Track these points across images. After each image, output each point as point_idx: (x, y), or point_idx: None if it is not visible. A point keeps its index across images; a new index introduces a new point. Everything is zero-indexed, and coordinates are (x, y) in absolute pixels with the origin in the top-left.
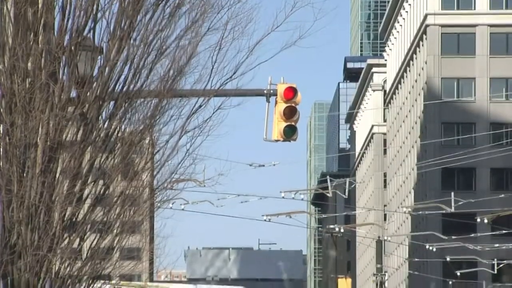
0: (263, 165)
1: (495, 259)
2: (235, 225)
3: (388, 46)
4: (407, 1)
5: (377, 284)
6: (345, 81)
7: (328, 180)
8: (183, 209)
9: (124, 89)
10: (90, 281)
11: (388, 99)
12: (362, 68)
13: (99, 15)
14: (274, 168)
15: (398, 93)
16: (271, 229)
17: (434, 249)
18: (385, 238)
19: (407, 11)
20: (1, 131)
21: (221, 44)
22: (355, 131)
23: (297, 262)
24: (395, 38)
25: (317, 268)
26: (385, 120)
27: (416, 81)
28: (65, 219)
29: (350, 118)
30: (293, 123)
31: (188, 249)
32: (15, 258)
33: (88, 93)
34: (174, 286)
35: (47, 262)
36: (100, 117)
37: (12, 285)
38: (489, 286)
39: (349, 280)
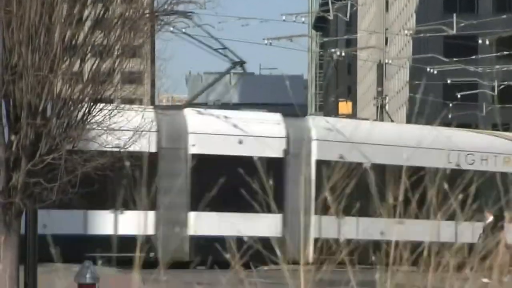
0: None
1: (496, 81)
2: (236, 50)
3: None
4: None
5: (377, 108)
6: None
7: (330, 3)
8: (184, 33)
9: None
10: (92, 104)
11: None
12: None
13: None
14: None
15: None
16: (272, 53)
17: (435, 72)
18: (386, 61)
19: None
20: None
21: None
22: None
23: (298, 86)
24: None
25: (318, 92)
26: None
27: None
28: (65, 40)
29: None
30: None
31: (189, 74)
32: (17, 79)
33: None
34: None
35: (48, 83)
36: None
37: (14, 105)
38: (489, 107)
39: (350, 103)
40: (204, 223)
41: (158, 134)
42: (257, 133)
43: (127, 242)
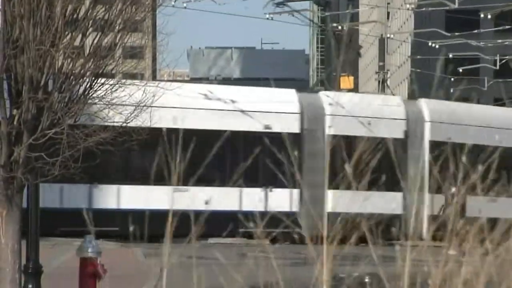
0: None
1: (498, 55)
2: (237, 24)
3: None
4: None
5: (379, 82)
6: None
7: None
8: (185, 7)
9: None
10: (93, 78)
11: None
12: None
13: None
14: None
15: None
16: (274, 28)
17: (437, 46)
18: (388, 36)
19: None
20: None
21: None
22: None
23: (299, 61)
24: None
25: (320, 67)
26: None
27: None
28: (66, 15)
29: None
30: None
31: (191, 48)
32: (18, 53)
33: None
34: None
35: (50, 57)
36: None
37: (16, 79)
38: (491, 82)
39: (352, 78)
40: (340, 201)
41: (301, 116)
42: (382, 115)
43: (274, 218)
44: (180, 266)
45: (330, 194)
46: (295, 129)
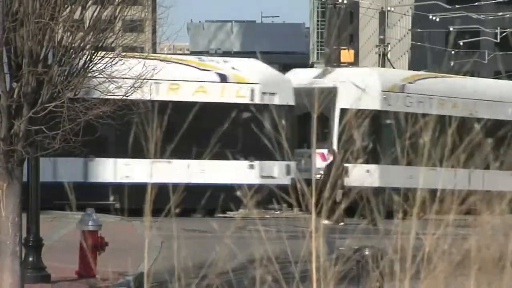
0: None
1: (499, 28)
2: None
3: None
4: None
5: (379, 56)
6: None
7: None
8: None
9: None
10: (93, 51)
11: None
12: None
13: None
14: None
15: None
16: (274, 1)
17: (438, 19)
18: (389, 9)
19: None
20: None
21: None
22: None
23: (300, 35)
24: None
25: (320, 40)
26: None
27: None
28: None
29: None
30: None
31: (191, 22)
32: (17, 26)
33: None
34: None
35: (49, 30)
36: None
37: (15, 53)
38: (491, 55)
39: (352, 51)
40: None
41: None
42: None
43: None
44: (182, 239)
45: None
46: None
